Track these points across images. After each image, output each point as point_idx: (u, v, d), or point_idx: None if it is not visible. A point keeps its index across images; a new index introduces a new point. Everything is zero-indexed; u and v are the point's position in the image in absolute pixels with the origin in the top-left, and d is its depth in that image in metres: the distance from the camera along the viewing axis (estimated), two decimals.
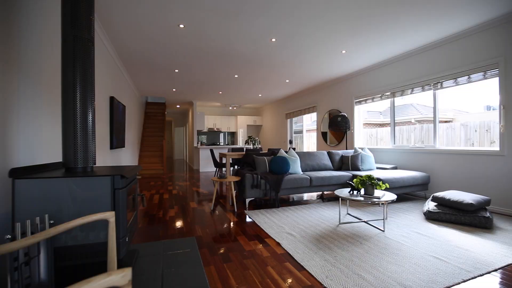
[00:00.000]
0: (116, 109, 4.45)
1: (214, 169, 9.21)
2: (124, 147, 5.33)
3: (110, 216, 1.13)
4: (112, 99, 4.29)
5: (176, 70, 5.79)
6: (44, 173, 1.59)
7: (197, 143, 10.30)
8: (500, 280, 1.81)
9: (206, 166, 9.14)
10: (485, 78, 3.66)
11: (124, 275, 0.58)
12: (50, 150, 2.06)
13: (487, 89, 3.84)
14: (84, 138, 1.71)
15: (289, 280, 1.83)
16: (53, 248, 1.42)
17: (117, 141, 4.56)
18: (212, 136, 12.11)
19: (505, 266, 2.01)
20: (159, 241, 2.55)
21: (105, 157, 3.98)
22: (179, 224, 3.15)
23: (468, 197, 3.06)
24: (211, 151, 6.77)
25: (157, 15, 3.29)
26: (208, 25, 3.57)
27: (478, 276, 1.86)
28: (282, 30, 3.74)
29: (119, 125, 4.75)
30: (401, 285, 1.73)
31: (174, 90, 7.92)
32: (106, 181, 1.56)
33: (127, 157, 6.09)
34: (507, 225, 2.96)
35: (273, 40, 4.10)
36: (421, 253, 2.23)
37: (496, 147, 3.62)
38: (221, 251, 2.35)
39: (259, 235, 2.75)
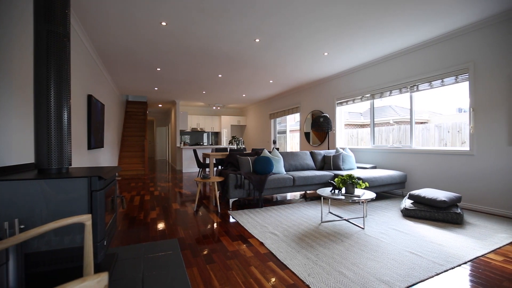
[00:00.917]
0: (94, 108, 4.29)
1: (198, 169, 9.10)
2: (103, 147, 5.14)
3: (86, 219, 1.09)
4: (90, 97, 4.12)
5: (158, 69, 5.66)
6: (14, 175, 1.50)
7: (180, 143, 10.13)
8: (470, 272, 1.93)
9: (189, 167, 9.01)
10: (456, 82, 3.87)
11: (100, 280, 0.56)
12: (22, 151, 1.95)
13: (459, 92, 4.07)
14: (59, 137, 1.63)
15: (272, 280, 1.84)
16: (24, 255, 1.35)
17: (95, 141, 4.39)
18: (196, 136, 11.96)
19: (473, 258, 2.14)
20: (140, 244, 2.48)
21: (82, 157, 3.82)
22: (160, 226, 3.09)
23: (441, 195, 3.22)
24: (194, 151, 6.68)
25: (138, 11, 3.20)
26: (191, 23, 3.52)
27: (450, 269, 1.96)
28: (266, 30, 3.76)
29: (97, 124, 4.58)
30: (380, 280, 1.79)
31: (156, 89, 7.74)
32: (82, 182, 1.49)
33: (106, 157, 5.87)
34: (476, 220, 3.14)
35: (257, 40, 4.11)
36: (398, 249, 2.32)
37: (466, 147, 3.84)
38: (204, 252, 2.32)
39: (243, 235, 2.75)
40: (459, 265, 2.02)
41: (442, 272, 1.92)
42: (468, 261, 2.09)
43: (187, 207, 3.95)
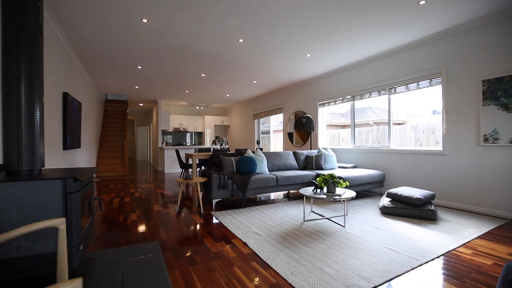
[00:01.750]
0: (70, 106, 4.10)
1: (180, 170, 8.94)
2: (79, 147, 4.93)
3: (60, 223, 1.04)
4: (65, 95, 3.94)
5: (139, 67, 5.51)
6: None
7: (162, 143, 9.91)
8: (442, 265, 2.03)
9: (172, 167, 8.84)
10: (431, 85, 4.06)
11: (74, 286, 0.54)
12: None
13: (433, 95, 4.28)
14: (30, 137, 1.54)
15: (255, 279, 1.84)
16: None
17: (71, 141, 4.20)
18: (178, 136, 11.75)
19: (445, 252, 2.26)
20: (119, 247, 2.40)
21: (57, 158, 3.64)
22: (141, 228, 3.00)
23: (417, 193, 3.37)
24: (177, 151, 6.56)
25: (118, 6, 3.10)
26: (173, 21, 3.46)
27: (424, 263, 2.06)
28: (249, 31, 3.77)
29: (74, 123, 4.38)
30: (359, 277, 1.85)
31: (136, 87, 7.53)
32: (56, 184, 1.43)
33: (83, 158, 5.63)
34: (448, 216, 3.32)
35: (241, 40, 4.11)
36: (377, 246, 2.40)
37: (439, 147, 4.05)
38: (187, 254, 2.29)
39: (226, 236, 2.73)
40: (433, 259, 2.13)
41: (417, 267, 2.01)
42: (441, 255, 2.21)
43: (169, 209, 3.87)
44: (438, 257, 2.18)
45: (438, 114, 4.04)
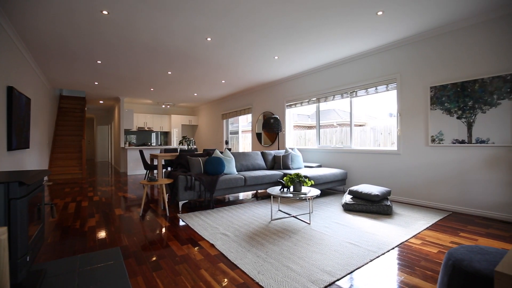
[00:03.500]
0: (16, 102, 3.69)
1: (144, 171, 8.54)
2: (28, 148, 4.45)
3: (0, 232, 0.93)
4: (10, 89, 3.53)
5: (99, 61, 5.15)
6: None
7: (125, 143, 9.37)
8: (397, 256, 2.21)
9: (135, 169, 8.41)
10: (387, 90, 4.39)
11: None
12: None
13: (390, 99, 4.63)
14: None
15: (222, 281, 1.83)
16: None
17: (18, 141, 3.78)
18: (143, 136, 11.21)
19: (399, 244, 2.45)
20: (75, 256, 2.22)
21: (0, 160, 3.26)
22: (101, 234, 2.81)
23: (375, 190, 3.62)
24: (141, 152, 6.25)
25: None
26: (137, 14, 3.29)
27: (381, 255, 2.22)
28: (218, 30, 3.73)
29: (21, 121, 3.95)
30: (323, 271, 1.93)
31: (96, 83, 7.02)
32: None
33: (33, 160, 5.11)
34: (402, 210, 3.62)
35: (209, 39, 4.05)
36: (340, 241, 2.53)
37: (395, 147, 4.39)
38: (151, 259, 2.19)
39: (193, 238, 2.67)
40: (388, 251, 2.30)
41: (375, 258, 2.15)
42: (395, 247, 2.40)
43: (132, 212, 3.68)
44: (393, 248, 2.36)
45: (394, 116, 4.38)
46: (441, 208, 3.70)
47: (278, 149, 6.38)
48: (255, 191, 5.14)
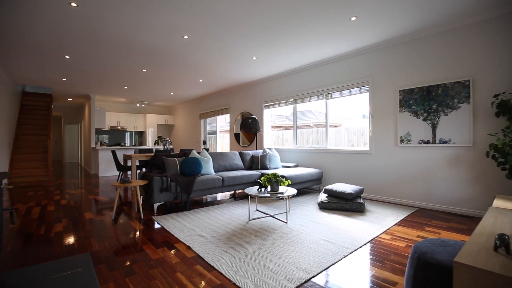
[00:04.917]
0: None
1: (117, 173, 8.17)
2: None
3: None
4: None
5: (67, 56, 4.85)
6: None
7: (96, 143, 8.92)
8: (369, 251, 2.31)
9: (107, 170, 8.03)
10: (360, 92, 4.58)
11: None
12: None
13: (363, 101, 4.83)
14: None
15: (199, 283, 1.81)
16: None
17: None
18: (116, 135, 10.73)
19: (371, 239, 2.57)
20: (39, 265, 2.08)
21: None
22: (69, 240, 2.65)
23: (349, 188, 3.76)
24: (113, 152, 5.98)
25: None
26: (108, 8, 3.15)
27: (354, 250, 2.32)
28: (195, 28, 3.68)
29: None
30: (299, 269, 1.97)
31: (64, 79, 6.61)
32: None
33: None
34: (374, 208, 3.79)
35: (186, 37, 3.97)
36: (315, 238, 2.60)
37: (367, 147, 4.59)
38: (123, 264, 2.11)
39: (168, 241, 2.61)
40: (361, 247, 2.40)
41: (348, 254, 2.24)
42: (367, 242, 2.51)
43: (103, 216, 3.51)
44: (365, 244, 2.47)
45: (367, 118, 4.58)
46: (409, 205, 3.93)
47: (256, 149, 6.42)
48: (233, 192, 5.12)
